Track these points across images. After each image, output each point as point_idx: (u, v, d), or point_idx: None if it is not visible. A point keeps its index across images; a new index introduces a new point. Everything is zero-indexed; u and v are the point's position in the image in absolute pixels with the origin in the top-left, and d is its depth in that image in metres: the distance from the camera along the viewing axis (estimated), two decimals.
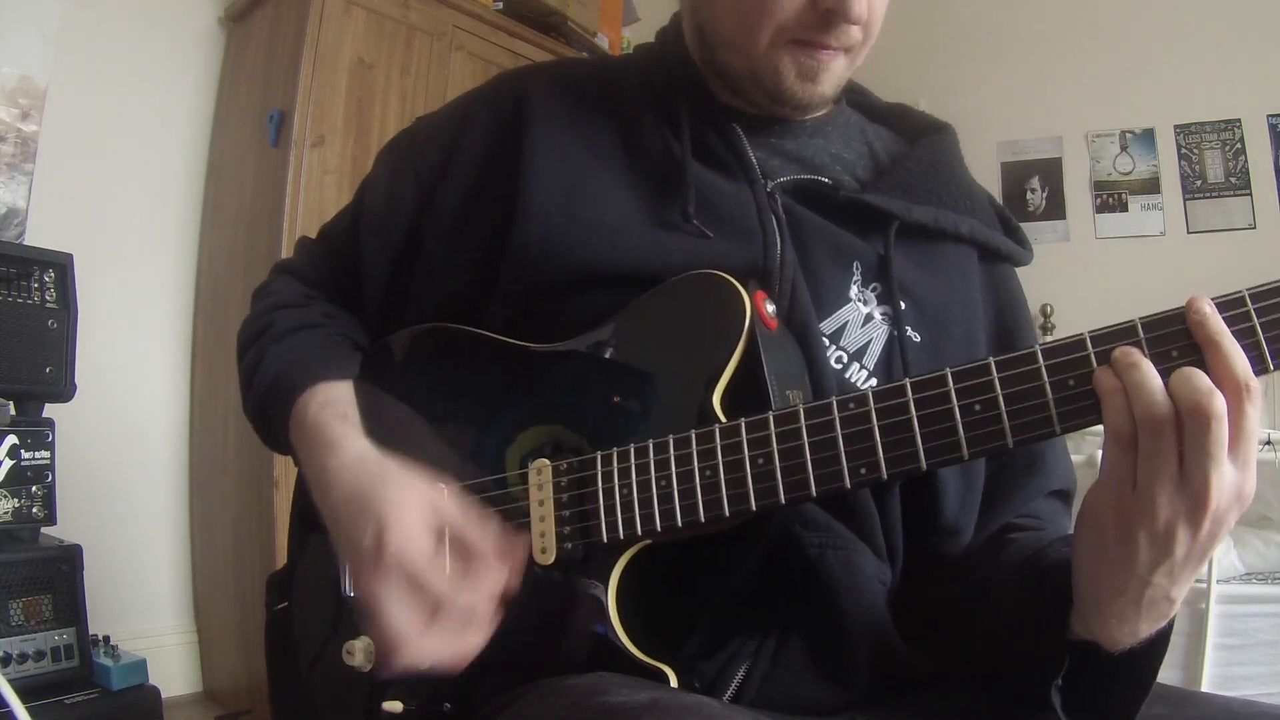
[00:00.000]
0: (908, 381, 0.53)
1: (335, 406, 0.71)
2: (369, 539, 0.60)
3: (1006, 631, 0.63)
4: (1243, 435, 0.48)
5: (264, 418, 0.76)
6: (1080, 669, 0.56)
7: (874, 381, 0.70)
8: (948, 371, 0.53)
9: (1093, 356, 0.50)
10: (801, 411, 0.56)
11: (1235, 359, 0.48)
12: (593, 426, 0.65)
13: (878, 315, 0.72)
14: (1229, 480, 0.48)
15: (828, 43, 0.68)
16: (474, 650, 0.61)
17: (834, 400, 0.55)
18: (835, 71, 0.71)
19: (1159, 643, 0.54)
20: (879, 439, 0.54)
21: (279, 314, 0.81)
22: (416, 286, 0.81)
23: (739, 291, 0.63)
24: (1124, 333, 0.50)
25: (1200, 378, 0.47)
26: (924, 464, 0.53)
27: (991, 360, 0.52)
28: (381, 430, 0.70)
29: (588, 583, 0.62)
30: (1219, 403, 0.47)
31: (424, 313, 0.79)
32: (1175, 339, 0.49)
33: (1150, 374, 0.49)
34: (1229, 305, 0.49)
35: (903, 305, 0.72)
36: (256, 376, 0.76)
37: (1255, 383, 0.48)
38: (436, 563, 0.60)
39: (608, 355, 0.67)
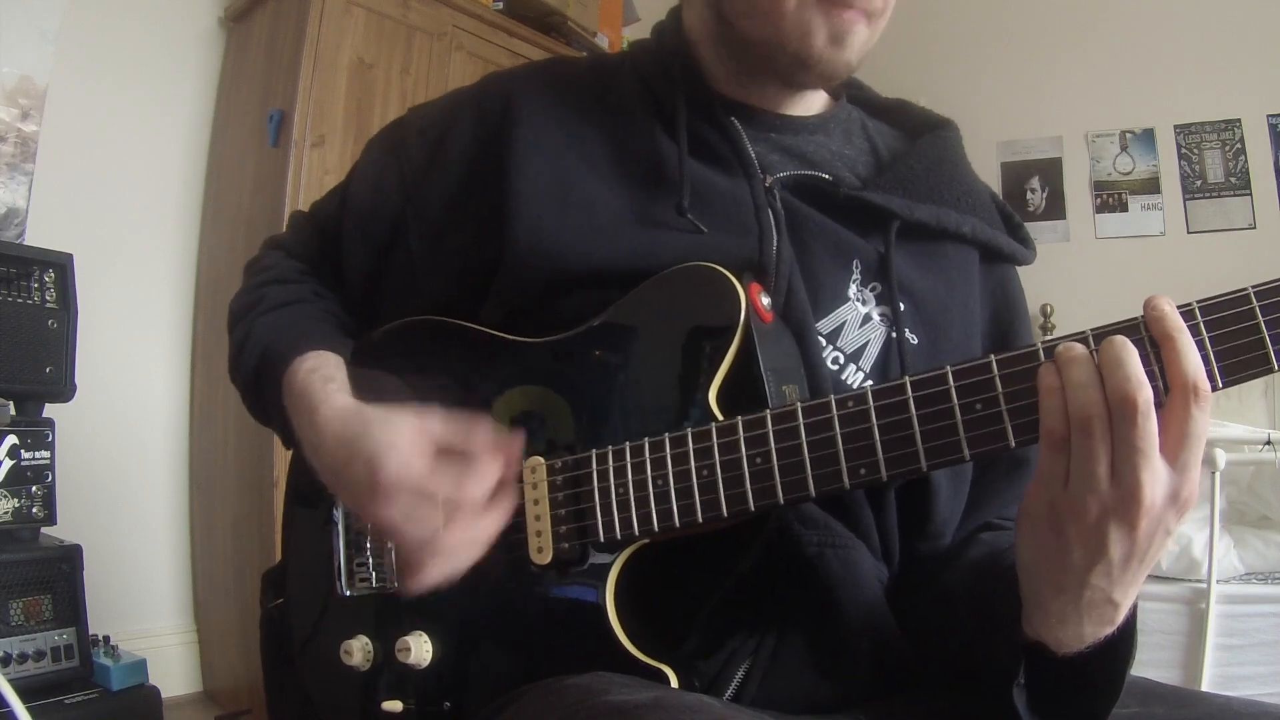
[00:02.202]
0: (907, 380, 0.53)
1: (321, 370, 0.71)
2: (363, 475, 0.61)
3: (965, 631, 0.63)
4: (1187, 437, 0.47)
5: (254, 388, 0.77)
6: (1039, 672, 0.55)
7: (870, 384, 0.70)
8: (948, 370, 0.52)
9: (1096, 353, 0.49)
10: (800, 410, 0.56)
11: (1187, 357, 0.47)
12: (587, 423, 0.65)
13: (876, 316, 0.71)
14: (1162, 479, 0.47)
15: (853, 1, 0.67)
16: (494, 534, 0.61)
17: (832, 399, 0.55)
18: (859, 38, 0.70)
19: (1118, 648, 0.53)
20: (878, 438, 0.53)
21: (271, 289, 0.82)
22: (394, 280, 0.82)
23: (733, 284, 0.62)
24: (1128, 330, 0.49)
25: (1131, 365, 0.46)
26: (924, 464, 0.52)
27: (993, 358, 0.51)
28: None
29: (585, 582, 0.62)
30: (1145, 394, 0.46)
31: (400, 307, 0.79)
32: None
33: (1090, 370, 0.48)
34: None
35: (902, 306, 0.71)
36: (246, 348, 0.77)
37: (1205, 385, 0.47)
38: (435, 474, 0.60)
39: (601, 350, 0.66)
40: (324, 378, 0.71)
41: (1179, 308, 0.48)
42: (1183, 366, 0.47)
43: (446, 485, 0.60)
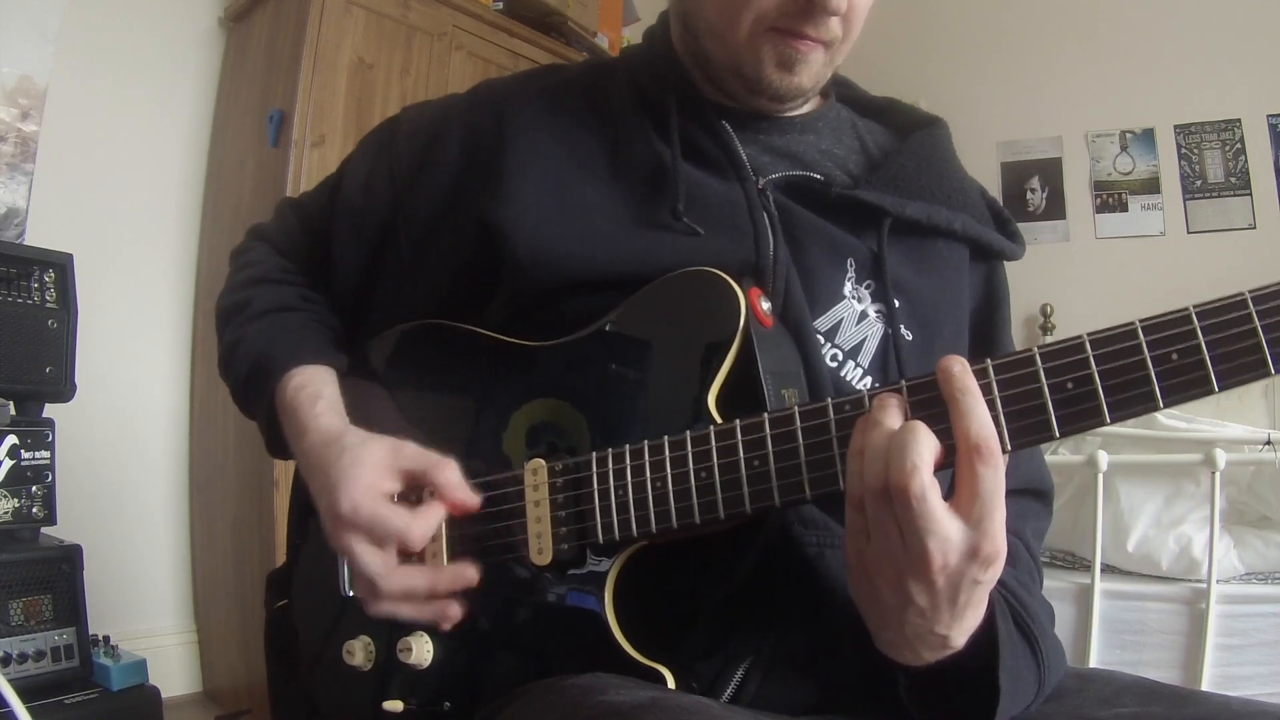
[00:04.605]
0: (904, 383, 0.53)
1: (308, 388, 0.73)
2: (327, 503, 0.65)
3: None
4: (976, 495, 0.48)
5: (244, 394, 0.80)
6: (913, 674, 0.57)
7: (869, 380, 0.70)
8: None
9: (1092, 359, 0.49)
10: (797, 413, 0.56)
11: (971, 419, 0.48)
12: (587, 426, 0.65)
13: (872, 313, 0.72)
14: (954, 541, 0.48)
15: (806, 32, 0.68)
16: (449, 579, 0.64)
17: (829, 401, 0.55)
18: (813, 65, 0.71)
19: (978, 655, 0.55)
20: None
21: (257, 290, 0.83)
22: (385, 281, 0.82)
23: (733, 288, 0.62)
24: (1124, 336, 0.49)
25: (911, 449, 0.48)
26: None
27: (989, 363, 0.51)
28: (372, 422, 0.71)
29: (585, 583, 0.62)
30: (918, 481, 0.47)
31: (391, 307, 0.80)
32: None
33: (884, 441, 0.49)
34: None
35: (896, 303, 0.72)
36: (237, 354, 0.79)
37: (990, 445, 0.48)
38: (390, 507, 0.63)
39: (601, 354, 0.67)
40: (311, 396, 0.73)
41: (1175, 311, 0.48)
42: (966, 427, 0.48)
43: (393, 527, 0.62)
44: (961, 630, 0.53)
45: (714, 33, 0.72)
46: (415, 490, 0.66)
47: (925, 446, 0.48)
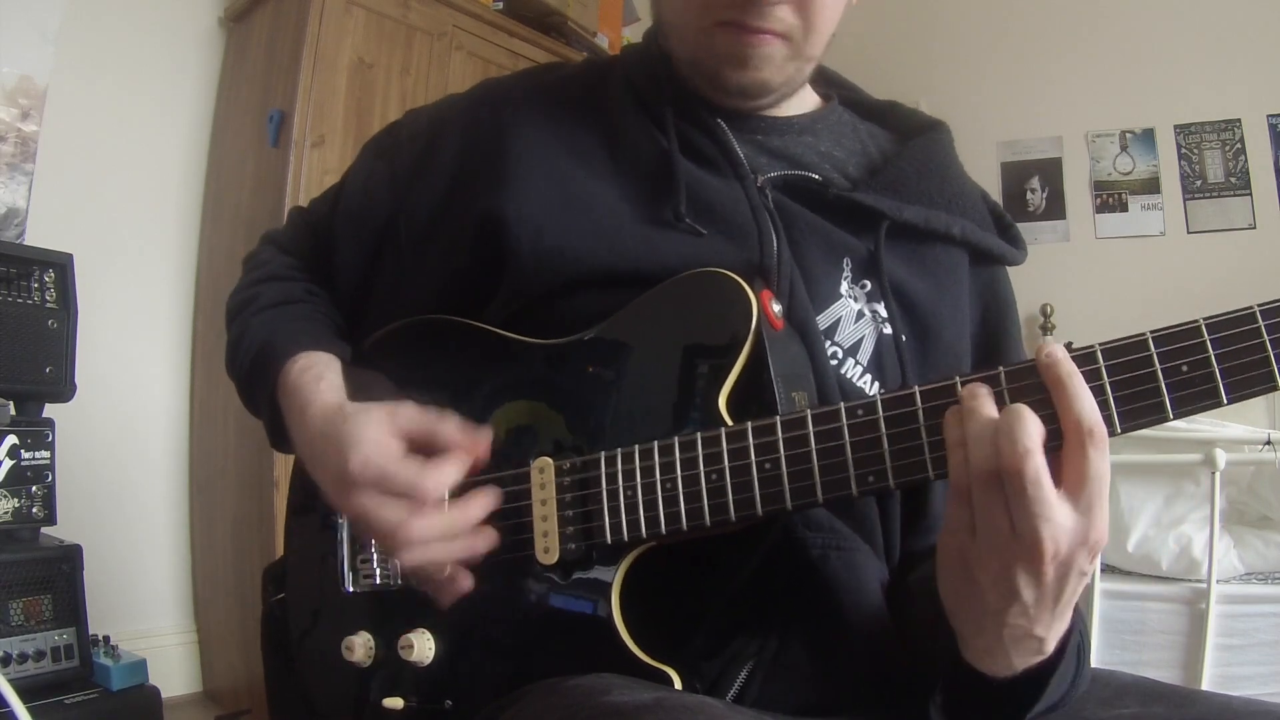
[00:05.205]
0: (917, 389, 0.53)
1: (312, 369, 0.73)
2: (335, 466, 0.64)
3: (910, 637, 0.64)
4: (1086, 480, 0.47)
5: (248, 385, 0.79)
6: (966, 684, 0.56)
7: (868, 378, 0.70)
8: (957, 380, 0.52)
9: (1104, 370, 0.49)
10: (810, 418, 0.56)
11: (1078, 402, 0.48)
12: (595, 425, 0.65)
13: (868, 312, 0.72)
14: (1066, 528, 0.47)
15: (752, 24, 0.67)
16: (467, 529, 0.63)
17: (842, 407, 0.55)
18: (774, 58, 0.70)
19: (1043, 674, 0.54)
20: (887, 448, 0.53)
21: (264, 286, 0.83)
22: (383, 281, 0.83)
23: (745, 291, 0.62)
24: (1135, 346, 0.49)
25: (1021, 432, 0.47)
26: (932, 474, 0.52)
27: (1001, 370, 0.51)
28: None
29: (591, 584, 0.62)
30: (1033, 463, 0.46)
31: (389, 307, 0.80)
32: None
33: (986, 426, 0.48)
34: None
35: (893, 303, 0.72)
36: (242, 346, 0.79)
37: (1100, 428, 0.47)
38: (401, 462, 0.63)
39: (611, 353, 0.66)
40: (316, 376, 0.72)
41: (1186, 323, 0.48)
42: (1075, 411, 0.48)
43: (406, 478, 0.61)
44: (1055, 632, 0.52)
45: (675, 30, 0.73)
46: (418, 451, 0.65)
47: (1035, 429, 0.47)
